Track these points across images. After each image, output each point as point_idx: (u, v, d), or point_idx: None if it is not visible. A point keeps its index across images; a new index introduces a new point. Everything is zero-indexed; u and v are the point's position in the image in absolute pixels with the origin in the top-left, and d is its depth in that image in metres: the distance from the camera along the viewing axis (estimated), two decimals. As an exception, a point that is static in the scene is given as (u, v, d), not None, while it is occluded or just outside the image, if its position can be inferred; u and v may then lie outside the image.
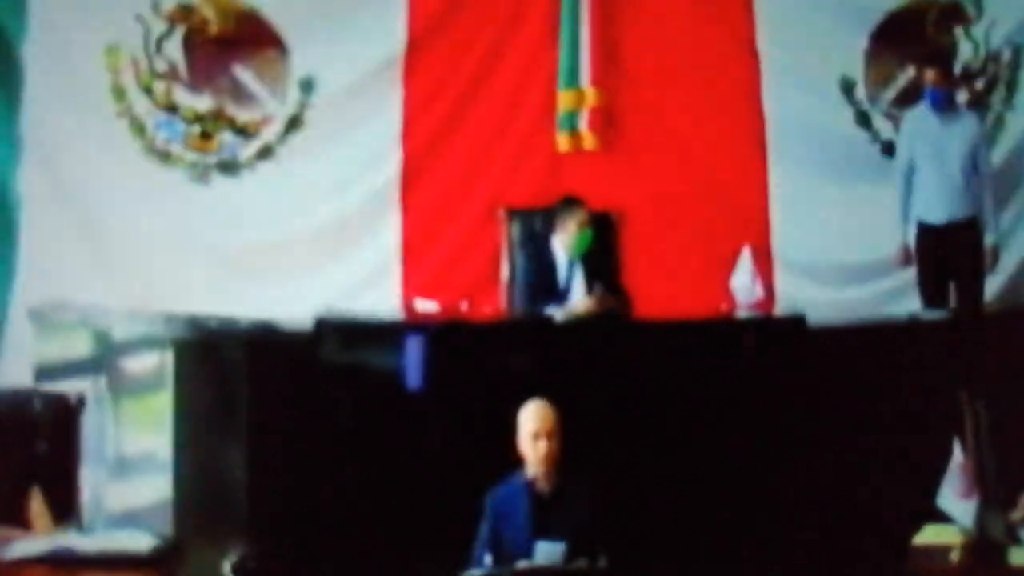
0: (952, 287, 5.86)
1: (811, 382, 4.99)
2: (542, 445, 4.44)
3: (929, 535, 4.56)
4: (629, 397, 4.97)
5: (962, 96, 6.35)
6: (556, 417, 4.48)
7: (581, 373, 4.96)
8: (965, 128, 5.88)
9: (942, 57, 5.96)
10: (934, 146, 5.87)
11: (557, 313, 5.36)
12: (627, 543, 4.46)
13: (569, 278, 5.51)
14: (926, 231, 5.91)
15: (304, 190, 6.40)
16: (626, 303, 5.46)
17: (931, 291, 5.83)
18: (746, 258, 5.52)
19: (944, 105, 5.85)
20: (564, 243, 5.50)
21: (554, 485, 4.48)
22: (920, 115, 5.95)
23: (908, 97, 6.29)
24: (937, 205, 5.87)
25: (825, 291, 6.25)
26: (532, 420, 4.49)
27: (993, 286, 6.14)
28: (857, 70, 6.40)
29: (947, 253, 5.86)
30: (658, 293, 5.90)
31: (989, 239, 5.89)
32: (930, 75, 5.85)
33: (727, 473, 4.94)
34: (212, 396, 5.10)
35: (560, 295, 5.49)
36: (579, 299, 5.43)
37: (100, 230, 6.32)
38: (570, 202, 5.54)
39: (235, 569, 4.38)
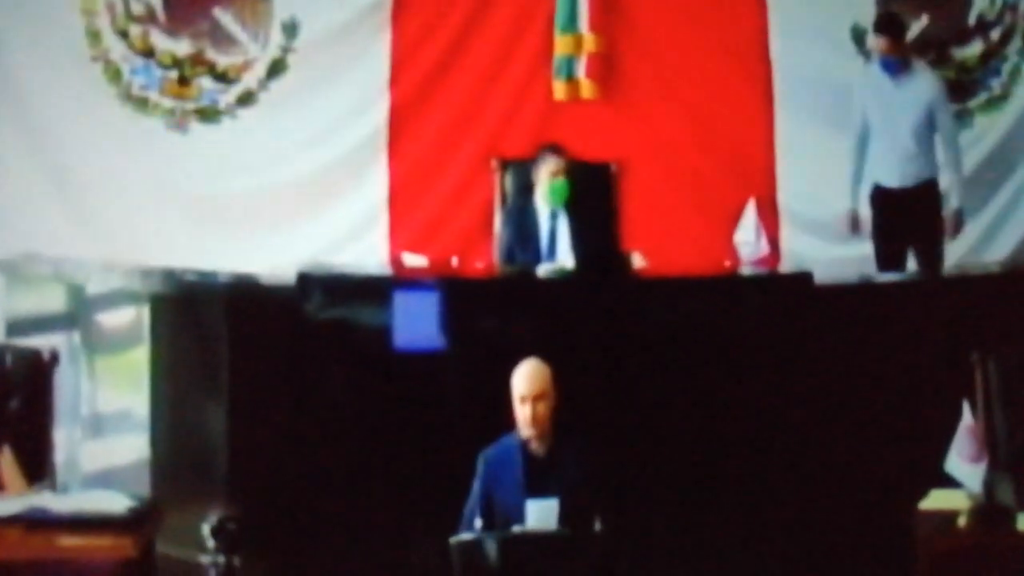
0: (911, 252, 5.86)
1: (817, 342, 5.02)
2: (528, 409, 4.47)
3: (936, 500, 4.53)
4: (628, 356, 4.99)
5: (977, 47, 6.38)
6: (548, 378, 4.51)
7: (579, 331, 4.99)
8: (919, 89, 5.81)
9: (893, 25, 5.90)
10: (885, 109, 5.84)
11: (543, 270, 5.38)
12: (624, 506, 4.51)
13: (553, 233, 5.52)
14: (881, 194, 5.89)
15: (287, 138, 6.40)
16: (621, 262, 5.44)
17: (885, 255, 5.82)
18: (751, 212, 5.58)
19: (895, 70, 5.82)
20: (542, 194, 5.51)
21: (549, 446, 4.52)
22: (873, 75, 5.93)
23: (920, 48, 6.28)
24: (891, 169, 5.85)
25: (833, 247, 6.22)
26: (521, 383, 4.51)
27: (1011, 240, 6.22)
28: (868, 18, 6.33)
29: (902, 217, 5.81)
30: (659, 248, 5.85)
31: (952, 203, 5.87)
32: (880, 43, 5.82)
33: (728, 435, 4.98)
34: (191, 352, 5.15)
35: (543, 252, 5.51)
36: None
37: (74, 179, 6.34)
38: (546, 150, 5.56)
39: (215, 532, 4.33)
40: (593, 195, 5.64)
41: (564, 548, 4.36)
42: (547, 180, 5.48)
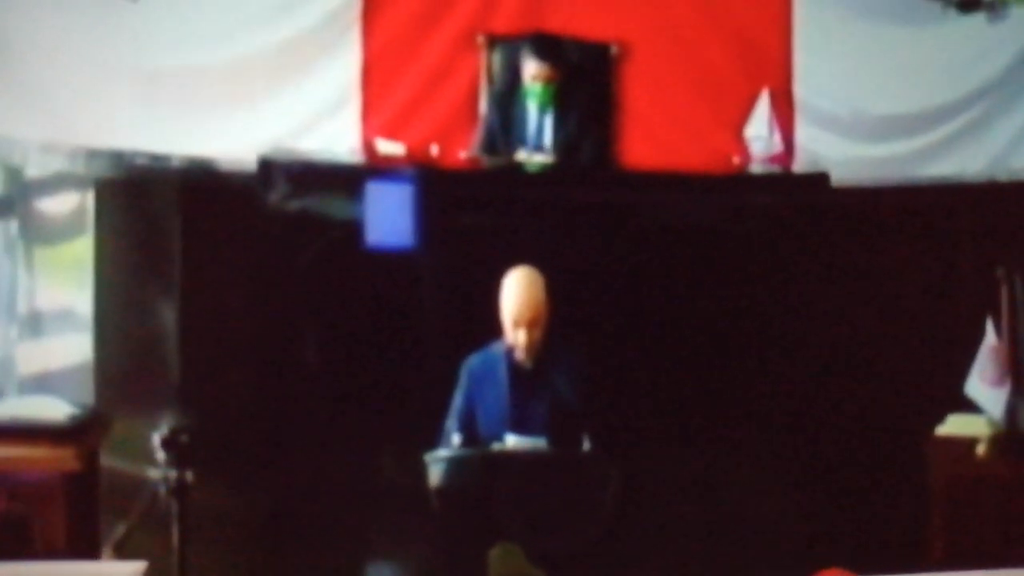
0: None
1: (832, 249, 5.25)
2: (522, 336, 4.69)
3: (953, 426, 4.83)
4: (625, 259, 5.18)
5: None
6: (543, 298, 4.69)
7: (571, 230, 5.16)
8: None
9: None
10: None
11: (523, 156, 5.58)
12: (617, 424, 4.74)
13: (540, 127, 5.69)
14: None
15: (249, 7, 6.38)
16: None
17: None
18: (764, 105, 5.74)
19: None
20: (526, 88, 5.70)
21: (537, 357, 4.75)
22: None
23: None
24: None
25: (853, 146, 6.37)
26: (512, 305, 4.70)
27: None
28: None
29: None
30: (662, 142, 6.08)
31: None
32: None
33: (731, 348, 5.20)
34: (140, 244, 5.30)
35: (528, 144, 5.67)
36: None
37: (10, 52, 6.22)
38: (527, 44, 5.71)
39: (165, 443, 4.38)
40: (587, 82, 5.77)
41: (549, 468, 4.60)
42: (528, 81, 5.67)
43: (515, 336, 4.67)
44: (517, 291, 4.70)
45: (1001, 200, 5.51)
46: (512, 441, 4.61)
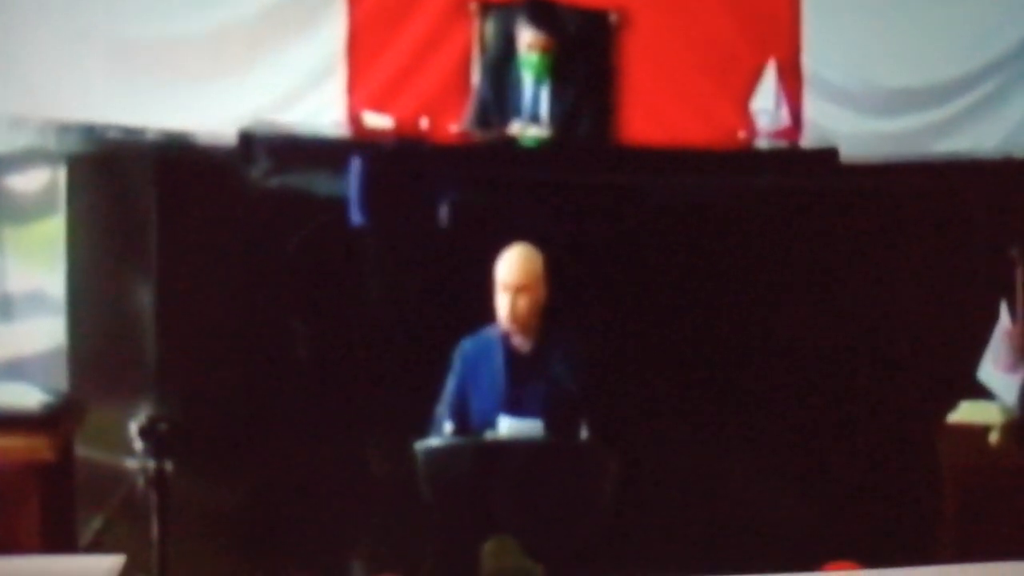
0: None
1: (841, 227, 5.22)
2: (507, 301, 4.69)
3: (965, 413, 4.82)
4: (624, 239, 5.18)
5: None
6: (537, 268, 4.74)
7: (568, 208, 5.16)
8: None
9: None
10: None
11: (517, 128, 5.60)
12: (616, 412, 4.77)
13: (536, 98, 5.70)
14: None
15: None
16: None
17: None
18: (770, 77, 5.70)
19: None
20: (521, 58, 5.71)
21: (534, 342, 4.77)
22: None
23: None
24: None
25: (863, 120, 6.42)
26: (502, 270, 4.73)
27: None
28: None
29: None
30: (664, 115, 6.07)
31: None
32: None
33: (736, 332, 5.20)
34: (115, 222, 5.28)
35: (523, 116, 5.68)
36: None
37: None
38: (523, 11, 5.69)
39: (143, 433, 4.42)
40: (585, 52, 5.77)
41: (545, 458, 4.57)
42: (523, 51, 5.68)
43: (501, 302, 4.67)
44: (509, 258, 4.73)
45: (1017, 177, 5.50)
46: (506, 423, 4.61)
